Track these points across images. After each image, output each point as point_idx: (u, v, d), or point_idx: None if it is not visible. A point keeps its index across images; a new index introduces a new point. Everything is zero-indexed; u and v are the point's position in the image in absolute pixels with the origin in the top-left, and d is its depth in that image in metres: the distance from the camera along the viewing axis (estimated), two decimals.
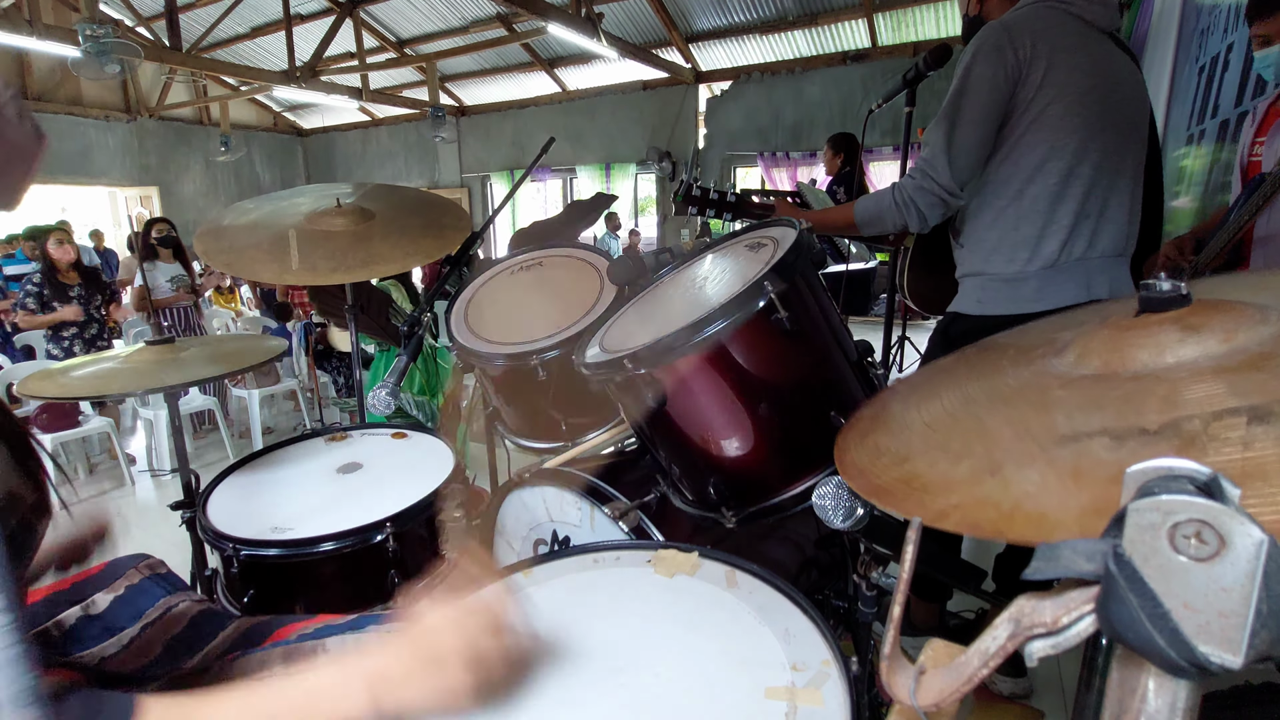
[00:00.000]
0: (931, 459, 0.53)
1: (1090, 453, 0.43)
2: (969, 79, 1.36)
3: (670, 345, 0.90)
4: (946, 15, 6.95)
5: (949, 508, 0.46)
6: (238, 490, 1.33)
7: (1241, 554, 0.29)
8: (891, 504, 0.51)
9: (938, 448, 0.54)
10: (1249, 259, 1.56)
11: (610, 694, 0.65)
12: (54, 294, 3.78)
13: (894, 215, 1.45)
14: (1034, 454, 0.46)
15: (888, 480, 0.54)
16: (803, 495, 0.97)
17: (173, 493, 1.72)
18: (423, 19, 8.35)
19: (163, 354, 1.44)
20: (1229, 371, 0.44)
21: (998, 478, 0.45)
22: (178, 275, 4.19)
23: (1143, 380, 0.47)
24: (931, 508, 0.46)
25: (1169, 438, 0.40)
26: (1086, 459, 0.42)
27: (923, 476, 0.51)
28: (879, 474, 0.55)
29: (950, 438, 0.54)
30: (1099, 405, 0.47)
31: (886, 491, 0.52)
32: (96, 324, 3.97)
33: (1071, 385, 0.52)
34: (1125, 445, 0.42)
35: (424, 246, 1.57)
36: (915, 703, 0.42)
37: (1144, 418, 0.43)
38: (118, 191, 10.01)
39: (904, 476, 0.53)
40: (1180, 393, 0.44)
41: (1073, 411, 0.48)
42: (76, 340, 3.89)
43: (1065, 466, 0.43)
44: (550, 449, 1.46)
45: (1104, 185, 1.39)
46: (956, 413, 0.58)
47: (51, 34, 5.12)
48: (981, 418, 0.55)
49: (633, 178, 9.55)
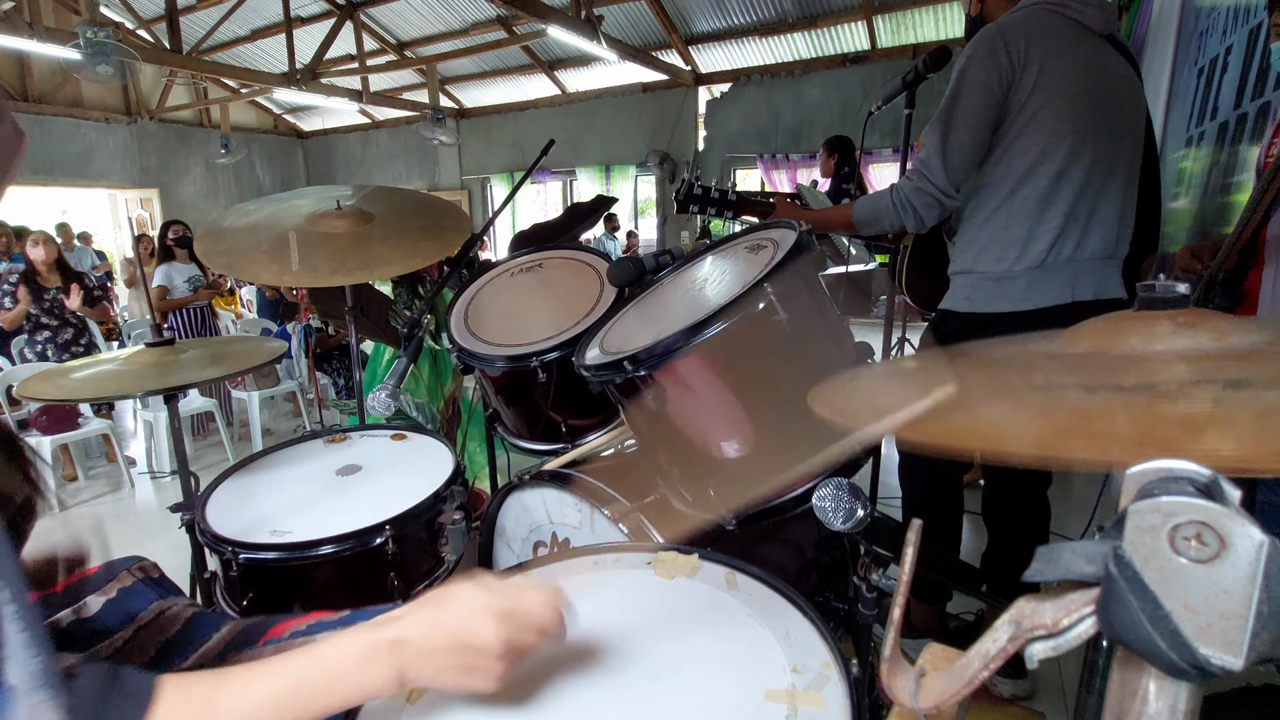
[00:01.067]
0: (905, 398, 0.54)
1: (1060, 397, 0.43)
2: (963, 82, 1.38)
3: (670, 347, 0.90)
4: (946, 17, 6.96)
5: (915, 432, 0.46)
6: (237, 492, 1.33)
7: (1242, 555, 0.29)
8: (853, 419, 0.52)
9: (912, 389, 0.55)
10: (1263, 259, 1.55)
11: (610, 696, 0.65)
12: (32, 295, 3.74)
13: (891, 216, 1.47)
14: (1004, 396, 0.47)
15: (854, 405, 0.55)
16: (803, 497, 0.97)
17: (172, 495, 1.72)
18: (423, 21, 8.37)
19: (162, 356, 1.44)
20: (1215, 359, 0.44)
21: (965, 411, 0.46)
22: (194, 276, 4.21)
23: (1129, 359, 0.48)
24: (891, 425, 0.48)
25: (1142, 393, 0.40)
26: (1056, 401, 0.43)
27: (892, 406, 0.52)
28: (848, 400, 0.57)
29: (926, 382, 0.56)
30: (1077, 370, 0.48)
31: (850, 412, 0.54)
32: (72, 328, 3.88)
33: (1057, 358, 0.53)
34: (1097, 394, 0.42)
35: (424, 249, 1.57)
36: (915, 705, 0.42)
37: (1119, 378, 0.44)
38: (118, 194, 10.01)
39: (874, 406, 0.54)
40: (1162, 369, 0.44)
41: (1051, 373, 0.49)
42: (50, 344, 3.81)
43: (1034, 405, 0.43)
44: (550, 450, 1.46)
45: (1095, 188, 1.40)
46: (935, 370, 0.59)
47: (52, 36, 5.13)
48: (961, 374, 0.56)
49: (632, 180, 9.56)
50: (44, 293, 3.79)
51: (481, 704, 0.65)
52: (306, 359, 4.24)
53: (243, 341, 1.61)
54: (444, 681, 0.58)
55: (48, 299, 3.80)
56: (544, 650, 0.62)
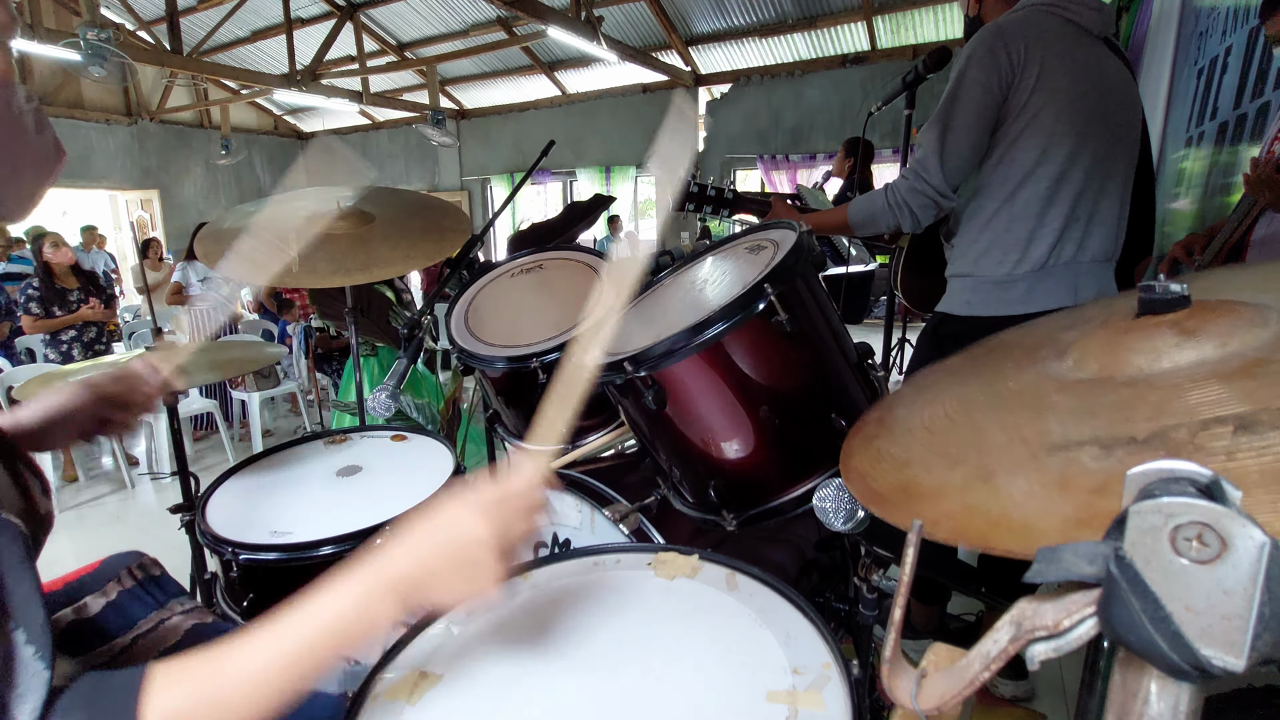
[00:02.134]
0: (929, 464, 0.53)
1: (1077, 462, 0.43)
2: (962, 82, 1.38)
3: (670, 348, 0.90)
4: (946, 18, 6.96)
5: (941, 517, 0.45)
6: (237, 493, 1.33)
7: (1243, 556, 0.29)
8: (889, 513, 0.50)
9: (936, 453, 0.54)
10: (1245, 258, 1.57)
11: (610, 697, 0.65)
12: (53, 298, 3.79)
13: (887, 216, 1.46)
14: (1024, 461, 0.46)
15: (886, 487, 0.54)
16: (803, 498, 0.97)
17: (172, 495, 1.72)
18: (423, 22, 8.37)
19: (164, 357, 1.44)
20: (1222, 378, 0.44)
21: (989, 485, 0.46)
22: (211, 277, 4.24)
23: (1137, 386, 0.48)
24: (925, 516, 0.46)
25: (1155, 447, 0.41)
26: (1073, 468, 0.42)
27: (920, 483, 0.51)
28: (878, 479, 0.55)
29: (948, 442, 0.54)
30: (1092, 412, 0.48)
31: (884, 499, 0.52)
32: (95, 327, 3.99)
33: (1068, 390, 0.52)
34: (1113, 454, 0.42)
35: (423, 249, 1.57)
36: (917, 706, 0.42)
37: (1134, 425, 0.43)
38: (118, 195, 10.02)
39: (902, 483, 0.53)
40: (1172, 400, 0.44)
41: (1066, 418, 0.48)
42: (75, 343, 3.89)
43: (1052, 475, 0.43)
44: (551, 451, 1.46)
45: (1094, 190, 1.40)
46: (956, 417, 0.58)
47: (52, 38, 5.13)
48: (979, 422, 0.55)
49: (633, 180, 9.56)
50: (67, 295, 3.84)
51: (482, 704, 0.65)
52: (306, 359, 4.24)
53: (242, 345, 1.61)
54: (449, 599, 0.58)
55: (73, 300, 3.86)
56: (537, 531, 0.61)
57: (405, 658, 0.73)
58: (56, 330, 3.84)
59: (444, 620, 0.79)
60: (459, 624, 0.78)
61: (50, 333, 3.85)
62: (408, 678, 0.69)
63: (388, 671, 0.71)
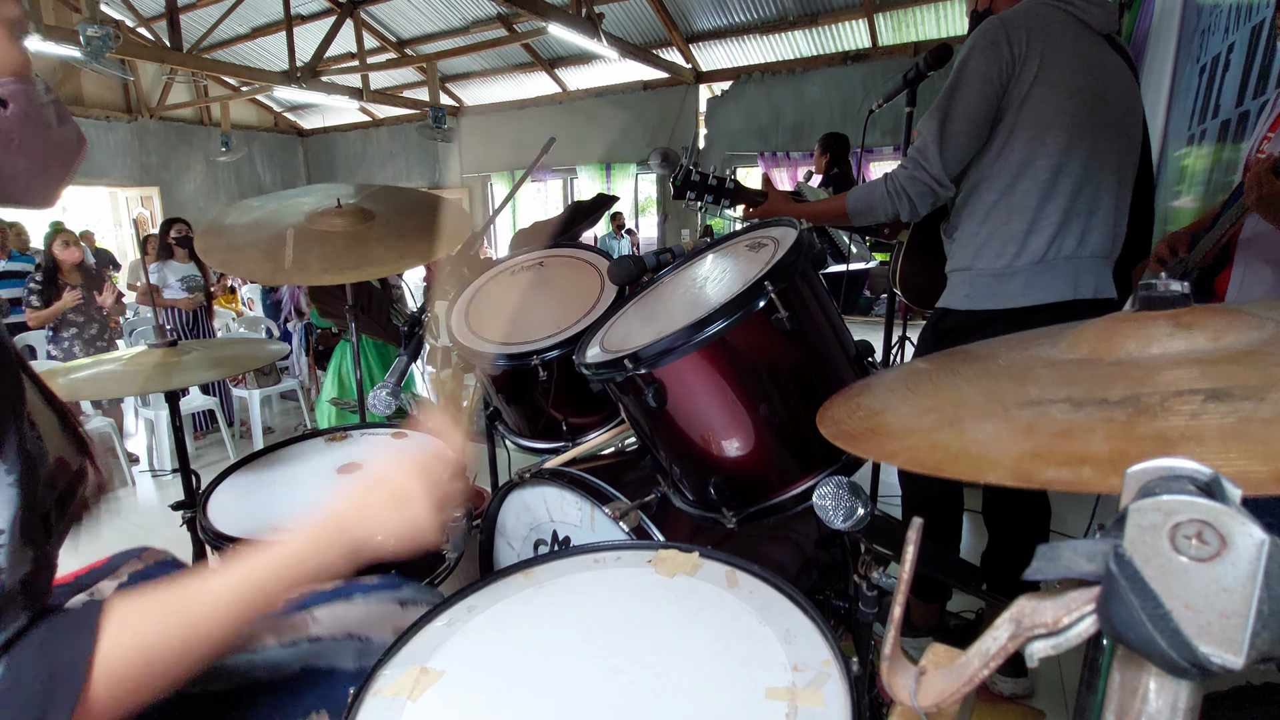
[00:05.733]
0: (901, 414, 0.56)
1: (1046, 414, 0.45)
2: (964, 72, 1.38)
3: (670, 345, 0.90)
4: (947, 15, 6.94)
5: (900, 449, 0.49)
6: (238, 490, 1.33)
7: (1242, 554, 0.29)
8: (850, 444, 0.55)
9: (911, 405, 0.57)
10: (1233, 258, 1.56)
11: (611, 694, 0.65)
12: (55, 294, 3.80)
13: (885, 204, 1.47)
14: (995, 413, 0.48)
15: (856, 428, 0.57)
16: (803, 495, 0.97)
17: (174, 493, 1.72)
18: (423, 19, 8.36)
19: (165, 356, 1.44)
20: (1206, 364, 0.45)
21: (955, 428, 0.48)
22: (189, 275, 4.21)
23: (1123, 365, 0.49)
24: (885, 448, 0.50)
25: (1126, 407, 0.42)
26: (1042, 419, 0.44)
27: (888, 425, 0.55)
28: (850, 423, 0.59)
29: (925, 398, 0.57)
30: (1070, 382, 0.49)
31: (850, 435, 0.56)
32: (97, 324, 3.98)
33: (1054, 366, 0.53)
34: (1082, 409, 0.43)
35: (419, 249, 1.57)
36: (916, 703, 0.42)
37: (1107, 392, 0.45)
38: (118, 192, 10.02)
39: (872, 426, 0.56)
40: (1152, 377, 0.45)
41: (1045, 385, 0.50)
42: (76, 340, 3.90)
43: (1020, 423, 0.45)
44: (551, 449, 1.46)
45: (1094, 184, 1.40)
46: (938, 380, 0.60)
47: (52, 34, 5.13)
48: (961, 387, 0.57)
49: (633, 178, 9.55)
50: (68, 290, 3.84)
51: (483, 700, 0.66)
52: (307, 357, 4.24)
53: (243, 343, 1.61)
54: (393, 535, 0.65)
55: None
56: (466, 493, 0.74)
57: (406, 654, 0.73)
58: (59, 326, 3.84)
59: (445, 616, 0.79)
60: (460, 620, 0.79)
61: (53, 330, 3.85)
62: (409, 674, 0.69)
63: (389, 667, 0.71)
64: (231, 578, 0.57)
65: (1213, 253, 1.51)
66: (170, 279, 4.16)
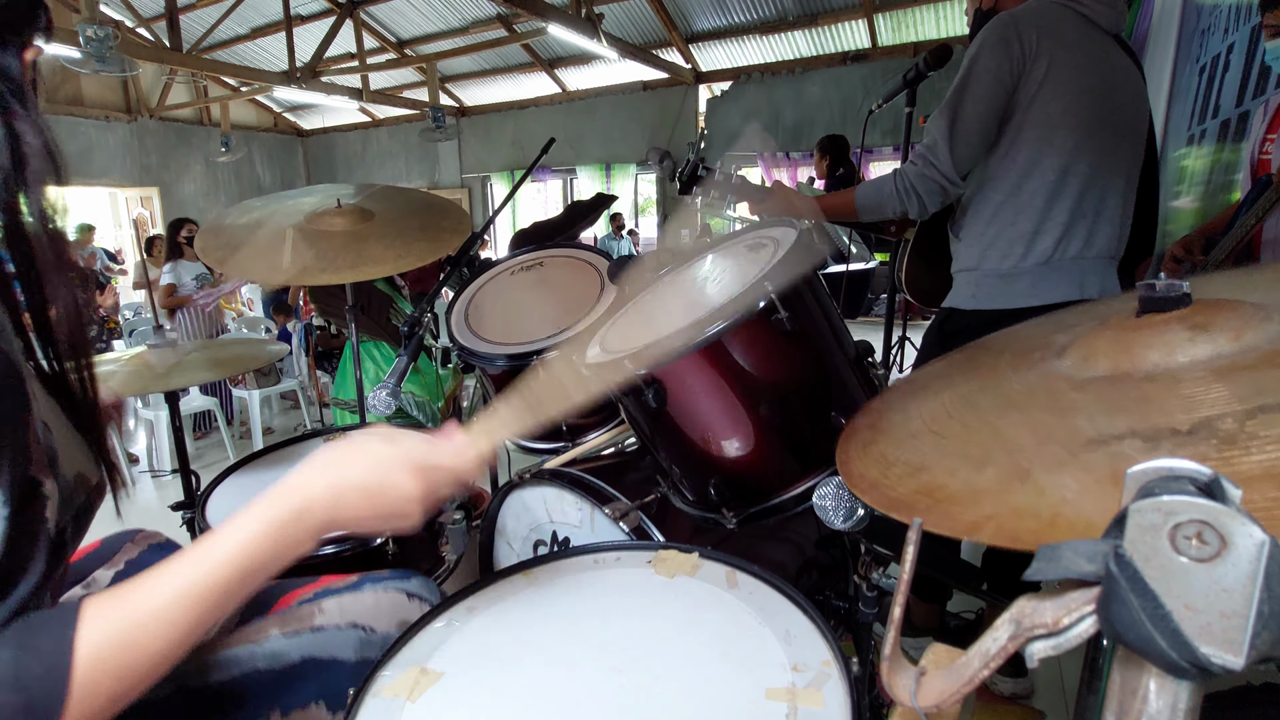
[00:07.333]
0: (950, 467, 0.50)
1: (1123, 455, 0.41)
2: (974, 69, 1.37)
3: (670, 345, 0.90)
4: (947, 15, 6.94)
5: (982, 519, 0.43)
6: (238, 491, 1.33)
7: (1243, 554, 0.29)
8: (908, 515, 0.48)
9: (954, 455, 0.51)
10: (1259, 258, 1.55)
11: (610, 694, 0.65)
12: None
13: (894, 202, 1.47)
14: (1062, 458, 0.43)
15: (905, 493, 0.51)
16: (803, 496, 0.97)
17: (173, 493, 1.72)
18: (423, 20, 8.36)
19: (164, 357, 1.44)
20: (1247, 369, 0.43)
21: (1029, 484, 0.43)
22: (202, 274, 4.23)
23: (1158, 380, 0.46)
24: (963, 520, 0.43)
25: (1205, 437, 0.39)
26: (1121, 461, 0.40)
27: (945, 487, 0.48)
28: (894, 486, 0.53)
29: (965, 444, 0.52)
30: (1118, 407, 0.46)
31: (907, 505, 0.49)
32: (95, 325, 4.00)
33: (1084, 388, 0.51)
34: (1160, 446, 0.40)
35: (418, 249, 1.56)
36: (916, 704, 0.42)
37: (1171, 418, 0.42)
38: (118, 192, 10.01)
39: (923, 487, 0.50)
40: (1202, 392, 0.43)
41: (1093, 415, 0.46)
42: None
43: (1101, 470, 0.41)
44: (551, 449, 1.46)
45: (1101, 185, 1.40)
46: (963, 418, 0.56)
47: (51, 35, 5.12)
48: (993, 422, 0.53)
49: (633, 178, 9.54)
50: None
51: (482, 701, 0.66)
52: (307, 357, 4.24)
53: (243, 343, 1.61)
54: (362, 529, 0.61)
55: None
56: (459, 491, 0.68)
57: (406, 654, 0.73)
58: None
59: (445, 617, 0.79)
60: (460, 621, 0.78)
61: None
62: (408, 674, 0.69)
63: (388, 668, 0.71)
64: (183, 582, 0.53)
65: (1235, 253, 1.50)
66: (185, 278, 4.18)
